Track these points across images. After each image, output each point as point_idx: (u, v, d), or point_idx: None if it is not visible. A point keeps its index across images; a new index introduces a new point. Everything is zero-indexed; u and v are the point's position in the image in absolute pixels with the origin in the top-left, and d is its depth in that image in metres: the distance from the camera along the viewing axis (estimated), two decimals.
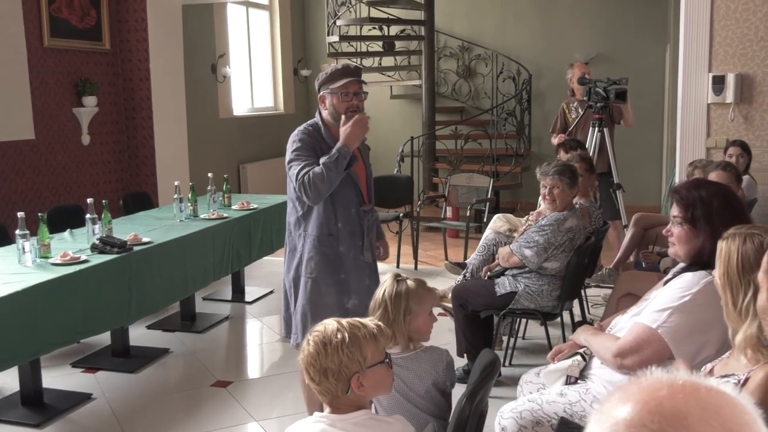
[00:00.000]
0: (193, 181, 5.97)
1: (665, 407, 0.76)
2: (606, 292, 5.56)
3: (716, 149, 5.58)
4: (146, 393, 4.40)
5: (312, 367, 1.91)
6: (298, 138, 3.38)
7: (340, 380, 1.90)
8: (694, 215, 2.56)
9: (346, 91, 3.34)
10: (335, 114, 3.36)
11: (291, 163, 3.34)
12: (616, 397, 0.80)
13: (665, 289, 2.60)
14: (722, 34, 5.49)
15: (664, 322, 2.47)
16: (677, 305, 2.48)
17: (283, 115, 10.62)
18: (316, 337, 1.92)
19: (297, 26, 10.94)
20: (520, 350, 4.82)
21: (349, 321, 1.98)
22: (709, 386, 0.80)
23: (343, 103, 3.33)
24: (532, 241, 4.15)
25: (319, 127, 3.42)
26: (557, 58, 9.88)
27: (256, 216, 5.70)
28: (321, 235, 3.40)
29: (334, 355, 1.89)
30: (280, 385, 4.45)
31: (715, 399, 0.78)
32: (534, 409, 2.61)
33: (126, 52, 6.94)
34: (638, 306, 2.80)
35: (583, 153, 5.40)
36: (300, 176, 3.27)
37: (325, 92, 3.39)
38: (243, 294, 6.28)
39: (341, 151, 3.24)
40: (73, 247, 4.32)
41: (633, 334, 2.54)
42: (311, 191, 3.26)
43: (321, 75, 3.42)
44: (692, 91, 5.62)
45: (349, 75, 3.36)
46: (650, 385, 0.79)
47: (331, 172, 3.23)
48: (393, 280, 2.62)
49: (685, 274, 2.55)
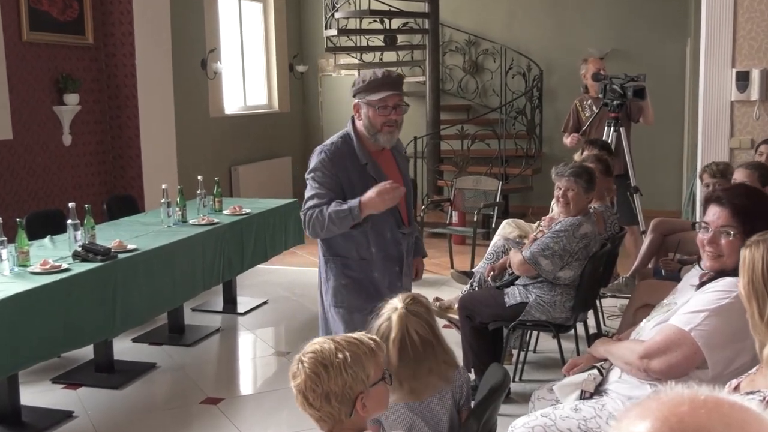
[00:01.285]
0: (181, 184, 5.98)
1: (687, 423, 0.76)
2: (623, 302, 5.55)
3: (740, 150, 5.58)
4: (131, 410, 4.40)
5: (312, 393, 1.87)
6: (320, 159, 3.30)
7: (344, 403, 1.87)
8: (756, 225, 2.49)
9: (385, 105, 3.26)
10: (370, 127, 3.29)
11: (308, 183, 3.32)
12: (634, 413, 0.80)
13: (701, 292, 2.59)
14: (746, 27, 5.50)
15: (698, 325, 2.47)
16: (715, 308, 2.48)
17: (278, 113, 10.63)
18: (312, 359, 1.88)
19: (293, 19, 10.96)
20: (531, 365, 4.82)
21: (344, 338, 1.96)
22: (733, 402, 0.80)
23: (381, 117, 3.27)
24: (547, 248, 4.13)
25: (351, 139, 3.34)
26: (570, 52, 9.88)
27: (249, 221, 5.70)
28: (352, 259, 3.34)
29: (337, 376, 1.86)
30: (274, 401, 4.45)
31: (739, 415, 0.78)
32: (547, 424, 2.62)
33: (110, 46, 6.96)
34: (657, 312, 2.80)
35: (599, 154, 5.39)
36: (305, 208, 3.26)
37: (360, 101, 3.31)
38: (235, 305, 6.27)
39: (353, 211, 3.14)
40: (54, 254, 4.32)
41: (662, 335, 2.55)
42: (309, 229, 3.26)
43: (358, 81, 3.35)
44: (714, 88, 5.62)
45: (389, 87, 3.27)
46: (671, 401, 0.80)
47: (334, 225, 3.17)
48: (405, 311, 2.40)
49: (725, 278, 2.55)
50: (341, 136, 3.37)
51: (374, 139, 3.33)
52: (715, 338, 2.45)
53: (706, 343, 2.45)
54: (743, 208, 2.57)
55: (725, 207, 2.59)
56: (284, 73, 10.70)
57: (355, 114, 3.35)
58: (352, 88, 3.36)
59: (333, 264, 3.37)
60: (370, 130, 3.29)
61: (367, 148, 3.34)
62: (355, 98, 3.34)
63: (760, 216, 2.54)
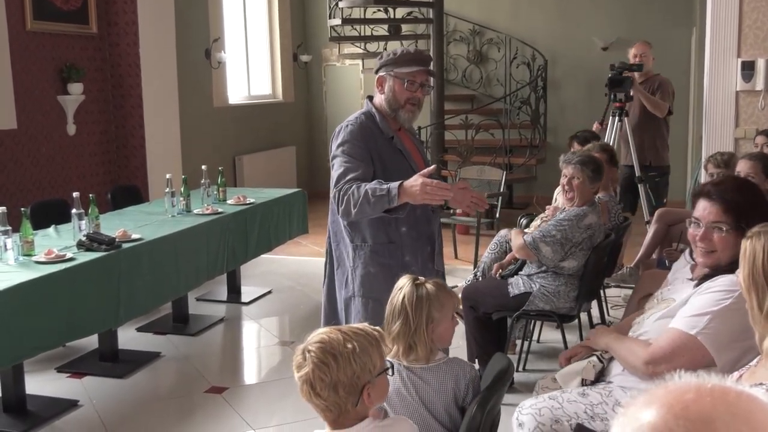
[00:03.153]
0: (185, 173, 5.98)
1: (692, 411, 0.76)
2: (626, 292, 5.55)
3: (745, 140, 5.56)
4: (136, 400, 4.41)
5: (321, 382, 1.86)
6: (348, 131, 3.17)
7: (351, 393, 1.88)
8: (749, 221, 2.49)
9: (413, 80, 3.19)
10: (393, 101, 3.22)
11: (334, 161, 3.15)
12: (641, 400, 0.81)
13: (701, 291, 2.58)
14: (752, 16, 5.47)
15: (704, 328, 2.45)
16: (718, 309, 2.46)
17: (282, 103, 10.63)
18: (321, 348, 1.88)
19: (296, 9, 10.94)
20: (534, 354, 4.82)
21: (349, 328, 1.96)
22: (739, 391, 0.80)
23: (406, 93, 3.20)
24: (549, 235, 4.13)
25: (373, 115, 3.25)
26: (574, 42, 9.87)
27: (253, 211, 5.70)
28: (379, 243, 3.19)
29: (346, 366, 1.86)
30: (278, 391, 4.45)
31: (745, 404, 0.78)
32: (554, 407, 2.63)
33: (114, 35, 6.95)
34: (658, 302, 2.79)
35: (604, 143, 5.41)
36: (339, 184, 3.07)
37: (387, 74, 3.23)
38: (239, 294, 6.29)
39: (390, 193, 2.93)
40: (58, 244, 4.33)
41: (668, 340, 2.52)
42: (342, 206, 3.05)
43: (386, 54, 3.27)
44: (719, 78, 5.60)
45: (421, 63, 3.21)
46: (677, 389, 0.80)
47: (368, 204, 2.97)
48: (412, 284, 2.48)
49: (723, 276, 2.53)
50: (362, 113, 3.27)
51: (395, 115, 3.25)
52: (722, 340, 2.44)
53: (714, 346, 2.44)
54: (735, 203, 2.56)
55: (716, 202, 2.58)
56: (288, 63, 10.69)
57: (377, 88, 3.27)
58: (379, 61, 3.27)
59: (361, 250, 3.20)
60: (393, 104, 3.22)
61: (389, 124, 3.26)
62: (380, 71, 3.25)
63: (752, 209, 2.53)
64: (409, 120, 3.30)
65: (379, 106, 3.27)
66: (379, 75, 3.27)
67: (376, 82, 3.28)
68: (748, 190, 2.67)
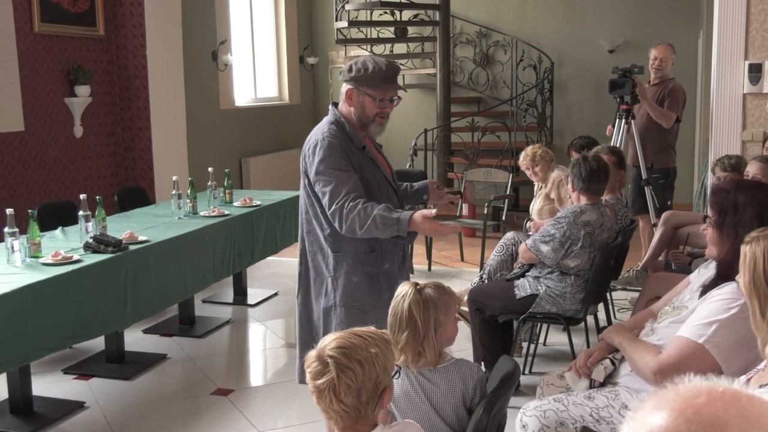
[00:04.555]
0: (192, 176, 5.99)
1: (704, 415, 0.76)
2: (633, 295, 5.54)
3: (752, 143, 5.54)
4: (142, 401, 4.42)
5: (347, 388, 1.83)
6: (327, 145, 3.10)
7: (373, 397, 1.87)
8: (724, 222, 2.58)
9: (384, 98, 3.16)
10: (363, 116, 3.18)
11: (321, 177, 3.08)
12: (651, 404, 0.80)
13: (707, 299, 2.57)
14: (760, 18, 5.45)
15: (712, 337, 2.45)
16: (724, 318, 2.45)
17: (289, 105, 10.63)
18: (345, 354, 1.85)
19: (303, 11, 10.95)
20: (540, 357, 4.81)
21: (364, 332, 1.94)
22: (751, 395, 0.79)
23: (376, 109, 3.17)
24: (548, 235, 4.14)
25: (342, 125, 3.19)
26: (581, 45, 9.86)
27: (260, 213, 5.70)
28: (362, 253, 3.16)
29: (371, 370, 1.85)
30: (285, 393, 4.45)
31: (756, 408, 0.77)
32: (559, 409, 2.62)
33: (121, 38, 6.97)
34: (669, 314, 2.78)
35: (612, 146, 5.42)
36: (338, 201, 3.02)
37: (356, 90, 3.16)
38: (245, 296, 6.29)
39: (401, 224, 2.95)
40: (65, 246, 4.33)
41: (676, 349, 2.51)
42: (346, 224, 3.01)
43: (357, 68, 3.16)
44: (727, 81, 5.58)
45: (393, 80, 3.19)
46: (688, 392, 0.79)
47: (376, 229, 2.97)
48: (415, 290, 2.47)
49: (729, 284, 2.53)
50: (331, 123, 3.20)
51: (364, 129, 3.22)
52: (730, 348, 2.43)
53: (721, 354, 2.43)
54: (718, 201, 2.64)
55: (711, 199, 2.70)
56: (295, 65, 10.70)
57: (346, 100, 3.20)
58: (348, 73, 3.17)
59: (344, 260, 3.18)
60: (363, 119, 3.18)
61: (357, 132, 3.22)
62: (348, 83, 3.18)
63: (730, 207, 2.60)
64: (378, 133, 3.28)
65: (347, 116, 3.21)
66: (348, 88, 3.18)
67: (345, 94, 3.20)
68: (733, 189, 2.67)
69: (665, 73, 6.41)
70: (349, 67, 3.19)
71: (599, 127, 8.13)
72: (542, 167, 5.50)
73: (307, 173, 3.18)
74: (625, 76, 6.17)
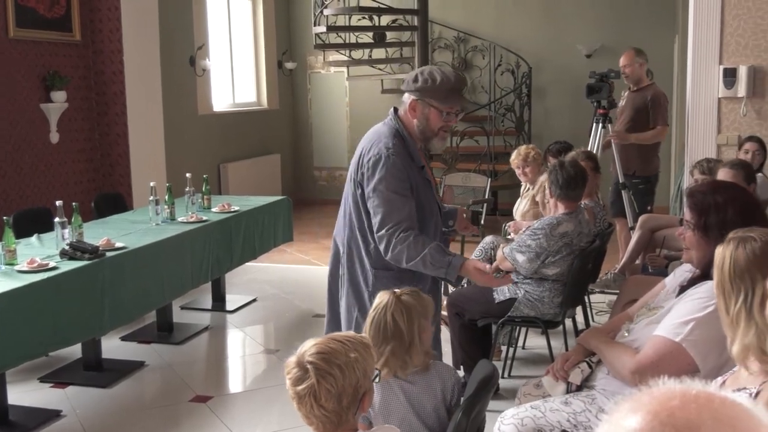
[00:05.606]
0: (170, 181, 5.95)
1: (677, 418, 0.76)
2: (611, 298, 5.57)
3: (727, 146, 5.59)
4: (120, 409, 4.38)
5: (327, 393, 1.83)
6: (392, 163, 2.98)
7: (353, 402, 1.87)
8: (707, 223, 2.58)
9: (450, 111, 3.06)
10: (427, 130, 3.07)
11: (378, 197, 2.98)
12: (626, 407, 0.80)
13: (684, 298, 2.60)
14: (733, 24, 5.51)
15: (689, 335, 2.46)
16: (701, 316, 2.47)
17: (267, 111, 10.61)
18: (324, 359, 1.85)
19: (281, 16, 10.94)
20: (519, 361, 4.83)
21: (342, 336, 1.95)
22: (724, 397, 0.80)
23: (441, 122, 3.06)
24: (524, 245, 4.15)
25: (404, 139, 3.07)
26: (558, 50, 9.92)
27: (238, 219, 5.69)
28: (403, 272, 3.03)
29: (351, 375, 1.86)
30: (264, 399, 4.44)
31: (729, 410, 0.78)
32: (536, 416, 2.63)
33: (98, 43, 6.92)
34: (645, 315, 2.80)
35: (588, 151, 5.46)
36: (389, 228, 2.95)
37: (422, 101, 3.04)
38: (224, 302, 6.26)
39: (451, 270, 2.92)
40: (41, 253, 4.30)
41: (653, 349, 2.53)
42: (392, 253, 2.96)
43: (423, 78, 3.03)
44: (702, 85, 5.63)
45: (459, 94, 3.09)
46: (662, 395, 0.80)
47: (424, 266, 2.93)
48: (395, 299, 2.46)
49: (705, 282, 2.55)
50: (393, 135, 3.06)
51: (426, 142, 3.12)
52: (706, 346, 2.45)
53: (699, 353, 2.45)
54: (699, 203, 2.64)
55: (688, 201, 2.69)
56: (273, 70, 10.68)
57: (408, 111, 3.07)
58: (413, 83, 3.05)
59: (384, 277, 3.06)
60: (426, 132, 3.07)
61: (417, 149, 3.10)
62: (413, 94, 3.06)
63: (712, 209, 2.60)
64: (441, 147, 3.23)
65: (410, 128, 3.09)
66: (412, 98, 3.06)
67: (408, 105, 3.07)
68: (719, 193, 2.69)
69: (637, 78, 6.47)
70: (415, 77, 3.08)
71: (577, 131, 8.18)
72: (533, 168, 5.51)
73: (361, 184, 3.06)
74: (602, 80, 6.22)
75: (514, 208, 5.82)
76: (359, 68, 10.38)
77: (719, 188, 2.76)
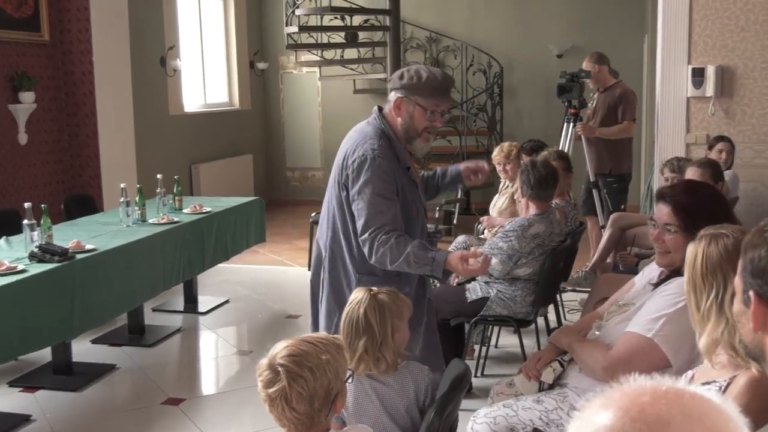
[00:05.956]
0: (140, 183, 5.90)
1: (648, 414, 0.77)
2: (583, 296, 5.61)
3: (696, 145, 5.65)
4: (91, 413, 4.34)
5: (299, 396, 1.83)
6: (377, 165, 2.92)
7: (325, 404, 1.87)
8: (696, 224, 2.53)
9: (436, 110, 3.00)
10: (411, 129, 3.01)
11: (362, 199, 2.93)
12: (597, 403, 0.81)
13: (655, 295, 2.62)
14: (702, 24, 5.57)
15: (660, 331, 2.49)
16: (672, 312, 2.50)
17: (239, 111, 10.57)
18: (295, 362, 1.84)
19: (253, 16, 10.90)
20: (492, 360, 4.85)
21: (314, 338, 1.94)
22: (693, 393, 0.81)
23: (426, 122, 3.00)
24: (496, 248, 4.18)
25: (390, 139, 3.01)
26: (530, 50, 9.97)
27: (210, 220, 5.66)
28: (388, 275, 2.99)
29: (323, 377, 1.85)
30: (236, 401, 4.41)
31: (699, 406, 0.79)
32: (509, 415, 2.64)
33: (67, 43, 6.85)
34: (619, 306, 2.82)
35: (561, 151, 5.51)
36: (372, 231, 2.89)
37: (407, 99, 3.00)
38: (196, 304, 6.22)
39: (435, 265, 2.84)
40: (10, 255, 4.25)
41: (625, 344, 2.56)
42: (376, 256, 2.90)
43: (407, 75, 2.99)
44: (671, 85, 5.69)
45: (447, 92, 3.05)
46: (633, 391, 0.81)
47: (408, 266, 2.87)
48: (370, 296, 2.47)
49: (676, 279, 2.57)
50: (378, 135, 3.01)
51: (409, 142, 3.07)
52: (678, 341, 2.48)
53: (670, 348, 2.48)
54: (683, 204, 2.62)
55: (668, 204, 2.65)
56: (245, 71, 10.64)
57: (393, 109, 3.02)
58: (399, 81, 3.00)
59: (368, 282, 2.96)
60: (410, 131, 3.02)
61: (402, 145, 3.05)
62: (398, 93, 3.01)
63: (701, 211, 2.59)
64: (423, 149, 3.15)
65: (395, 129, 3.04)
66: (397, 96, 3.02)
67: (393, 103, 3.02)
68: (698, 192, 2.71)
69: (601, 81, 6.56)
70: (401, 74, 3.03)
71: (549, 131, 8.23)
72: (514, 166, 5.53)
73: (346, 186, 3.01)
74: (573, 80, 6.27)
75: (491, 204, 5.85)
76: (331, 68, 10.37)
77: (694, 187, 2.77)
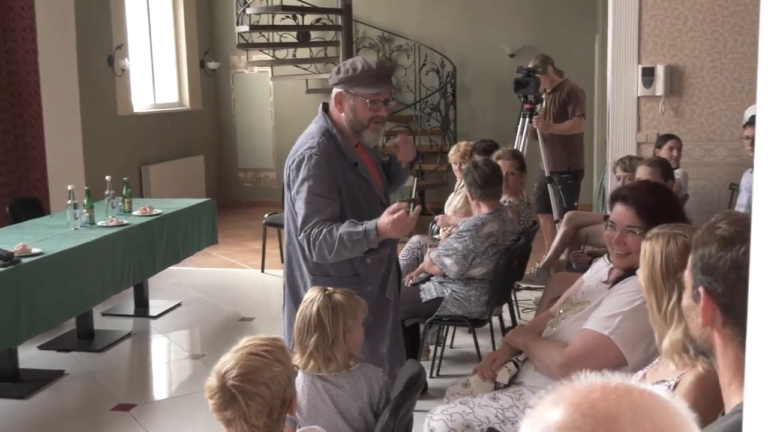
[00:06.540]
0: (89, 184, 5.81)
1: (597, 410, 0.78)
2: (537, 295, 5.66)
3: (647, 144, 5.75)
4: (39, 421, 4.27)
5: (258, 413, 1.82)
6: (314, 163, 2.92)
7: (282, 411, 1.87)
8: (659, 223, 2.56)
9: (377, 99, 2.98)
10: (355, 122, 3.00)
11: (299, 198, 2.93)
12: (548, 401, 0.82)
13: (612, 293, 2.65)
14: (651, 24, 5.67)
15: (616, 329, 2.52)
16: (628, 310, 2.53)
17: (189, 111, 10.46)
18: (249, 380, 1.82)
19: (203, 15, 10.80)
20: (447, 360, 4.87)
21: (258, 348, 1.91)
22: (642, 389, 0.82)
23: (369, 113, 2.98)
24: (451, 248, 4.19)
25: (334, 136, 3.01)
26: (483, 49, 10.04)
27: (161, 222, 5.60)
28: (344, 277, 2.99)
29: (278, 388, 1.84)
30: (190, 405, 4.37)
31: (647, 401, 0.80)
32: (465, 411, 2.66)
33: (11, 42, 6.71)
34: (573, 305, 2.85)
35: (515, 150, 5.56)
36: (307, 227, 2.88)
37: (347, 92, 2.99)
38: (147, 308, 6.14)
39: (369, 236, 2.80)
40: None
41: (582, 342, 2.59)
42: (315, 252, 2.88)
43: (345, 69, 2.99)
44: (621, 84, 5.78)
45: (385, 81, 3.01)
46: (584, 388, 0.82)
47: (345, 249, 2.83)
48: (324, 295, 2.47)
49: (632, 277, 2.60)
50: (321, 133, 3.00)
51: (358, 136, 3.04)
52: (633, 339, 2.51)
53: (626, 345, 2.51)
54: (648, 207, 2.64)
55: (631, 206, 2.65)
56: (195, 70, 10.54)
57: (336, 105, 3.02)
58: (336, 76, 3.00)
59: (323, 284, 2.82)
60: (355, 125, 3.00)
61: (350, 143, 3.03)
62: (338, 87, 3.01)
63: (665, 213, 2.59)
64: (374, 140, 3.12)
65: (339, 124, 3.04)
66: (337, 91, 3.02)
67: (334, 99, 3.02)
68: (661, 194, 2.75)
69: (547, 82, 6.65)
70: (338, 69, 3.03)
71: (502, 130, 8.30)
72: None
73: (290, 187, 3.01)
74: (530, 75, 6.33)
75: (447, 203, 5.86)
76: (283, 68, 10.32)
77: (652, 188, 2.81)
